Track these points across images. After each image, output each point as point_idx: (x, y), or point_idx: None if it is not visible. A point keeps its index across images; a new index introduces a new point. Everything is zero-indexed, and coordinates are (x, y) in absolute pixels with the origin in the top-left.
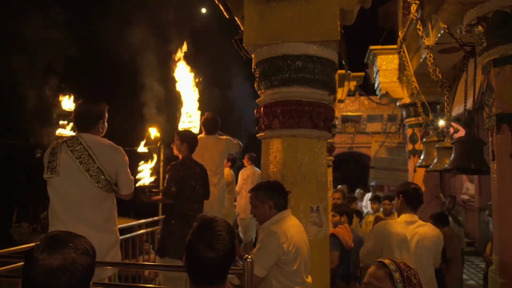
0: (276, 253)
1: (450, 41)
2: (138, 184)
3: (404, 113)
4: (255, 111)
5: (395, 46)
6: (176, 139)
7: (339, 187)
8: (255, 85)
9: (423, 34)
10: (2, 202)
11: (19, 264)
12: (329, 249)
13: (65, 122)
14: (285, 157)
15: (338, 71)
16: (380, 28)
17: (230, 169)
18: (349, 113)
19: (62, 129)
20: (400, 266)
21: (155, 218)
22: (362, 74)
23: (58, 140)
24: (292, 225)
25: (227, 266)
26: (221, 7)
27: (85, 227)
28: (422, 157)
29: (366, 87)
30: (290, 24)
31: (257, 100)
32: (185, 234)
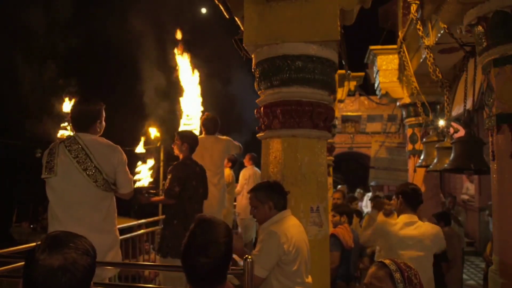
0: (276, 253)
1: (450, 41)
2: (136, 185)
3: (404, 113)
4: (255, 111)
5: (395, 46)
6: (177, 139)
7: (339, 187)
8: (255, 85)
9: (423, 34)
10: (2, 202)
11: (19, 264)
12: (329, 249)
13: (66, 124)
14: (285, 157)
15: (338, 71)
16: (380, 28)
17: (230, 169)
18: (349, 113)
19: (64, 130)
20: (400, 266)
21: (155, 218)
22: (362, 74)
23: (56, 141)
24: (292, 225)
25: (223, 269)
26: (221, 7)
27: (83, 227)
28: (422, 157)
29: (366, 87)
30: (290, 24)
31: (257, 100)
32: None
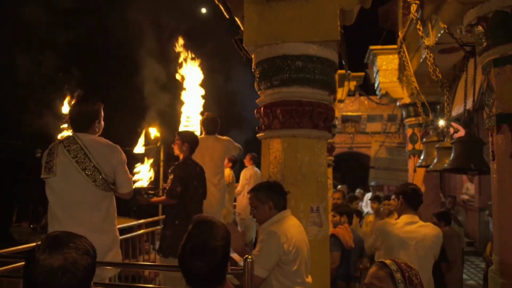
0: (276, 253)
1: (450, 41)
2: (135, 186)
3: (404, 113)
4: (255, 111)
5: (395, 46)
6: (177, 139)
7: (339, 187)
8: (255, 85)
9: (423, 34)
10: (2, 202)
11: (19, 264)
12: (329, 249)
13: (66, 125)
14: (285, 157)
15: (338, 71)
16: (380, 28)
17: (231, 169)
18: (349, 113)
19: (65, 132)
20: (401, 267)
21: (155, 218)
22: (362, 74)
23: (56, 141)
24: (292, 225)
25: (221, 272)
26: (221, 7)
27: (83, 227)
28: (422, 157)
29: (366, 87)
30: (290, 24)
31: (257, 100)
32: None
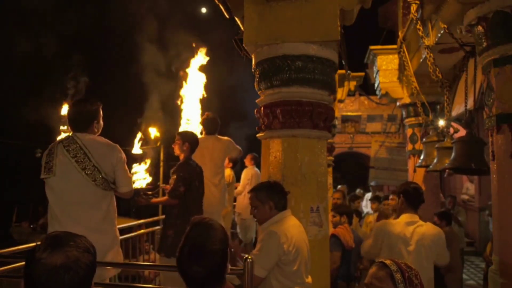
0: (276, 253)
1: (450, 41)
2: (133, 187)
3: (404, 113)
4: (255, 111)
5: (395, 46)
6: (178, 139)
7: (339, 187)
8: (255, 85)
9: (423, 34)
10: (2, 202)
11: (19, 264)
12: (329, 249)
13: (65, 127)
14: (285, 157)
15: (338, 71)
16: (380, 28)
17: (231, 170)
18: (349, 113)
19: (64, 134)
20: (401, 267)
21: (155, 218)
22: (362, 74)
23: (55, 141)
24: (292, 225)
25: (219, 275)
26: (221, 7)
27: (83, 226)
28: (422, 157)
29: (366, 87)
30: (290, 24)
31: (257, 100)
32: None
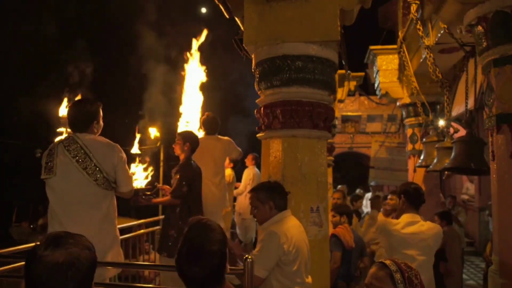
0: (276, 253)
1: (450, 41)
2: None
3: (404, 113)
4: (255, 111)
5: (395, 46)
6: (178, 139)
7: (339, 187)
8: (255, 85)
9: (423, 34)
10: (2, 202)
11: (19, 264)
12: (330, 249)
13: (63, 129)
14: (285, 157)
15: (338, 71)
16: (380, 28)
17: (232, 170)
18: (349, 113)
19: (61, 136)
20: (401, 267)
21: (155, 218)
22: (362, 74)
23: (55, 142)
24: (292, 226)
25: (218, 276)
26: (221, 7)
27: (83, 226)
28: (422, 157)
29: (366, 87)
30: (290, 24)
31: (257, 100)
32: None
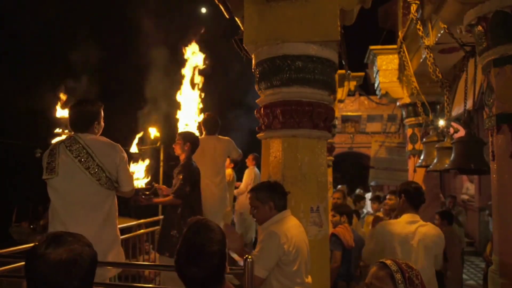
0: (276, 253)
1: (450, 41)
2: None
3: (404, 113)
4: (255, 111)
5: (395, 46)
6: (179, 139)
7: (339, 187)
8: (255, 85)
9: (423, 34)
10: (2, 202)
11: (19, 264)
12: (330, 249)
13: (60, 130)
14: (285, 157)
15: (338, 71)
16: (380, 28)
17: (232, 169)
18: (349, 113)
19: (58, 137)
20: (401, 267)
21: (155, 218)
22: (362, 74)
23: (56, 142)
24: (292, 226)
25: (218, 276)
26: (221, 7)
27: (85, 226)
28: (422, 157)
29: (366, 87)
30: (290, 24)
31: (257, 100)
32: None
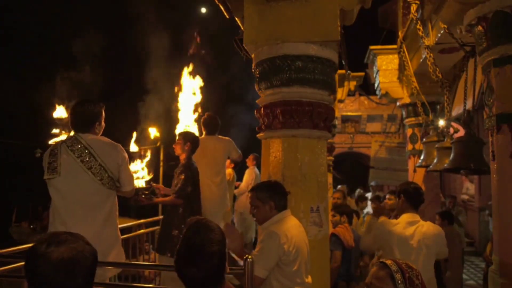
0: (276, 253)
1: (450, 41)
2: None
3: (404, 113)
4: (255, 111)
5: (395, 46)
6: (179, 139)
7: (339, 187)
8: (255, 85)
9: (423, 34)
10: (1, 202)
11: (19, 264)
12: (330, 249)
13: (57, 130)
14: (285, 157)
15: (338, 71)
16: (380, 28)
17: (232, 170)
18: (349, 113)
19: (56, 138)
20: (402, 267)
21: (155, 218)
22: (362, 74)
23: (57, 142)
24: (292, 226)
25: (217, 276)
26: (221, 7)
27: (87, 226)
28: (422, 157)
29: (366, 87)
30: (290, 24)
31: (257, 100)
32: None
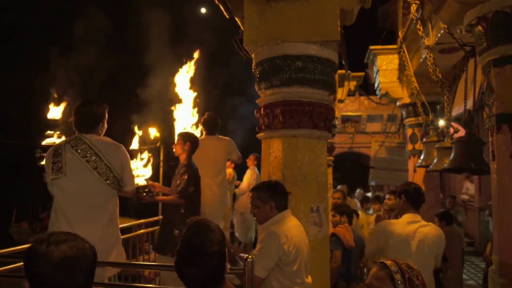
0: (276, 253)
1: (450, 41)
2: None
3: (404, 113)
4: (255, 111)
5: (395, 46)
6: (179, 139)
7: (339, 187)
8: (255, 85)
9: (423, 34)
10: (2, 201)
11: (19, 264)
12: (330, 249)
13: (52, 132)
14: (285, 157)
15: (338, 71)
16: (380, 28)
17: (233, 170)
18: (349, 113)
19: (49, 138)
20: (402, 267)
21: (155, 218)
22: (362, 74)
23: (60, 141)
24: (292, 226)
25: (217, 276)
26: (221, 7)
27: (91, 226)
28: (422, 157)
29: (366, 87)
30: (290, 24)
31: (257, 100)
32: None
